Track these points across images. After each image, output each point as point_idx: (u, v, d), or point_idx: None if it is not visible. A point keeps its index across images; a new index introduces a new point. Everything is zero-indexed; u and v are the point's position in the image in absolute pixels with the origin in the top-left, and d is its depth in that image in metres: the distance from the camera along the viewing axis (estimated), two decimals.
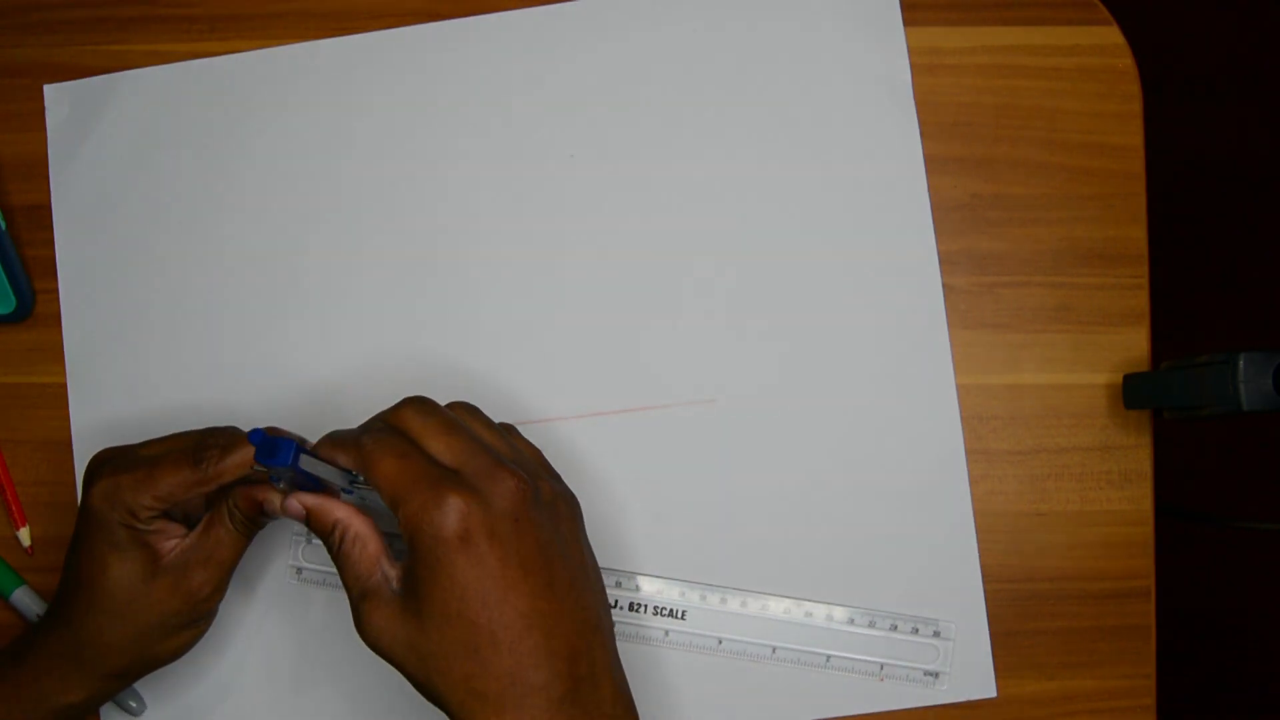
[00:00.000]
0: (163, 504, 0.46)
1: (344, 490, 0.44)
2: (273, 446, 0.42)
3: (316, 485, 0.45)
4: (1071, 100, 0.56)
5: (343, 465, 0.44)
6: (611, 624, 0.46)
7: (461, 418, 0.45)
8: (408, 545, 0.42)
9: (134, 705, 0.54)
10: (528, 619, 0.41)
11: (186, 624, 0.48)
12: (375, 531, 0.44)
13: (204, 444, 0.46)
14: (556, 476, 0.48)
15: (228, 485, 0.46)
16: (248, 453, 0.46)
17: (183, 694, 0.54)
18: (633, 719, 0.44)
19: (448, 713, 0.41)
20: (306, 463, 0.43)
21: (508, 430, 0.48)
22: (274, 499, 0.46)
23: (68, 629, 0.47)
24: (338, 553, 0.44)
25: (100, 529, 0.46)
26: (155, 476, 0.45)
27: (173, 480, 0.45)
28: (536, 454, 0.48)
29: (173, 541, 0.47)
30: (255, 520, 0.47)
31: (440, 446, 0.43)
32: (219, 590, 0.48)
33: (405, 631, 0.41)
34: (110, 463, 0.47)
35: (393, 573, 0.43)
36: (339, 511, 0.44)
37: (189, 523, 0.48)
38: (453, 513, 0.40)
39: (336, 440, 0.44)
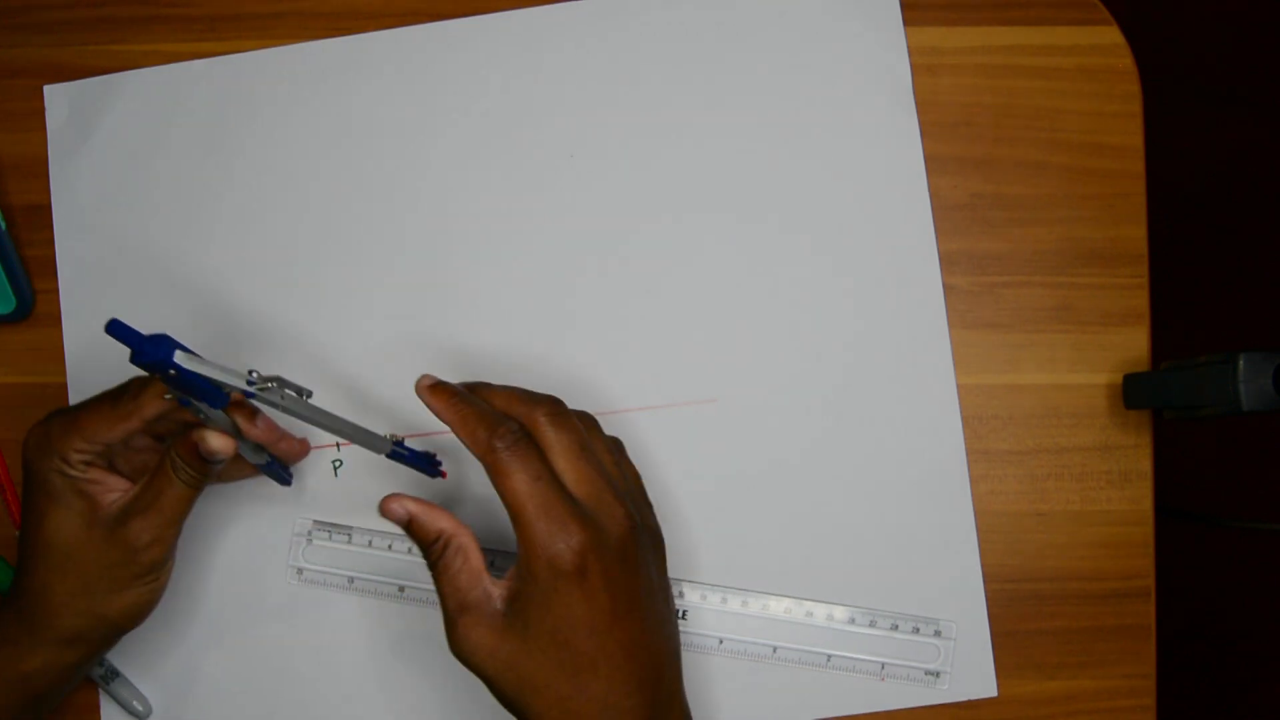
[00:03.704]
0: (90, 445, 0.46)
1: (244, 393, 0.43)
2: (139, 343, 0.40)
3: (209, 388, 0.42)
4: (1071, 100, 0.56)
5: (466, 446, 0.43)
6: (680, 649, 0.48)
7: (587, 435, 0.46)
8: (523, 566, 0.42)
9: (139, 708, 0.54)
10: (626, 649, 0.43)
11: (130, 579, 0.47)
12: (478, 545, 0.44)
13: (127, 382, 0.46)
14: (650, 505, 0.49)
15: (151, 419, 0.46)
16: (162, 385, 0.45)
17: (180, 696, 0.54)
18: None
19: None
20: (187, 361, 0.41)
21: (618, 449, 0.49)
22: (210, 439, 0.45)
23: (16, 590, 0.47)
24: (437, 562, 0.44)
25: (36, 480, 0.46)
26: (79, 418, 0.46)
27: (95, 418, 0.45)
28: (638, 479, 0.50)
29: (115, 494, 0.47)
30: (197, 468, 0.46)
31: (569, 468, 0.44)
32: (159, 541, 0.47)
33: (506, 649, 0.42)
34: (47, 415, 0.47)
35: (495, 590, 0.43)
36: (444, 521, 0.44)
37: (139, 479, 0.48)
38: (575, 548, 0.42)
39: (461, 411, 0.43)
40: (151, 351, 0.40)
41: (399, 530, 0.54)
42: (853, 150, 0.55)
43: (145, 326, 0.55)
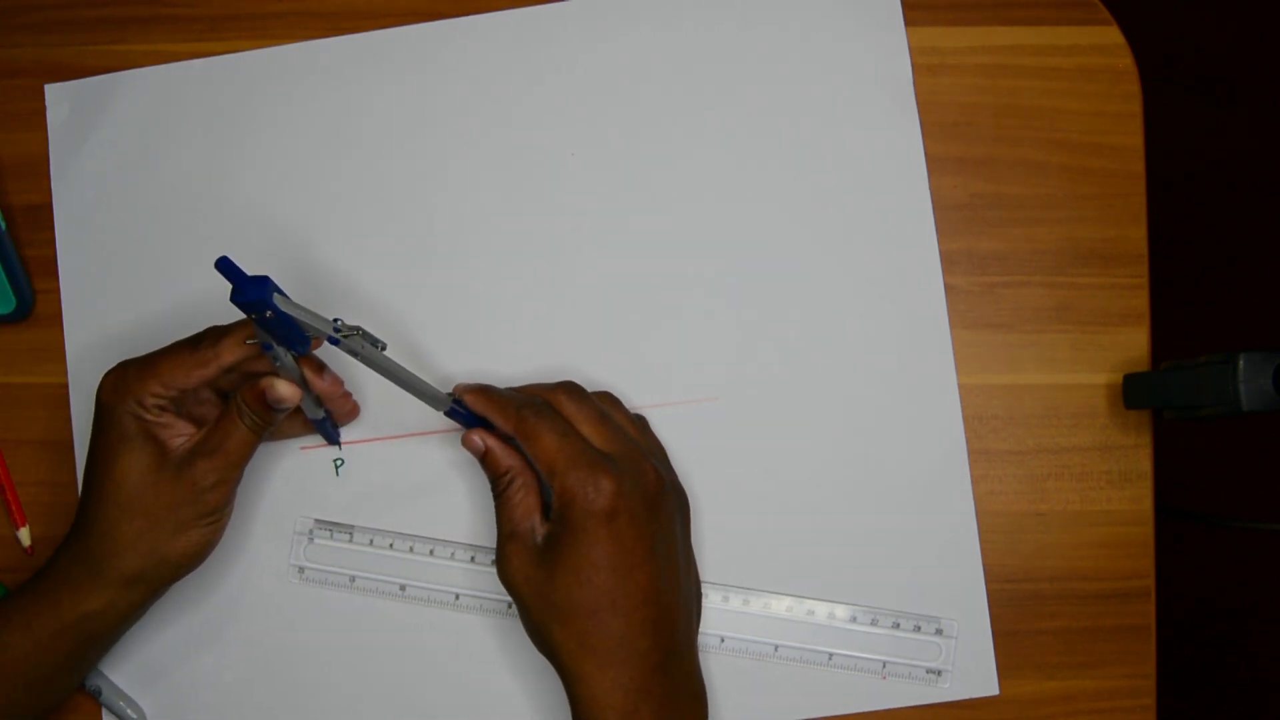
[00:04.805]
0: (167, 390, 0.47)
1: (329, 339, 0.45)
2: (243, 282, 0.42)
3: (295, 332, 0.45)
4: (1071, 100, 0.56)
5: (497, 424, 0.48)
6: (700, 611, 0.52)
7: (606, 407, 0.50)
8: (558, 511, 0.47)
9: (133, 715, 0.54)
10: (645, 593, 0.46)
11: (194, 519, 0.48)
12: (539, 489, 0.49)
13: (205, 331, 0.48)
14: (674, 473, 0.52)
15: (227, 367, 0.47)
16: (244, 331, 0.47)
17: (182, 696, 0.54)
18: (703, 692, 0.49)
19: (555, 658, 0.47)
20: (283, 303, 0.43)
21: (641, 422, 0.53)
22: (279, 386, 0.47)
23: (82, 530, 0.48)
24: (502, 494, 0.49)
25: (109, 422, 0.47)
26: (158, 363, 0.47)
27: (174, 364, 0.47)
28: (662, 449, 0.53)
29: (182, 438, 0.48)
30: (262, 415, 0.48)
31: (593, 432, 0.48)
32: (224, 483, 0.48)
33: (538, 578, 0.47)
34: (121, 361, 0.48)
35: (541, 528, 0.48)
36: (514, 460, 0.49)
37: (202, 428, 0.49)
38: (605, 492, 0.46)
39: (491, 398, 0.49)
40: (253, 291, 0.42)
41: (400, 529, 0.54)
42: (854, 150, 0.55)
43: (143, 325, 0.56)
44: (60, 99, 0.57)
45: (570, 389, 0.50)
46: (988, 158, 0.56)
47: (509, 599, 0.53)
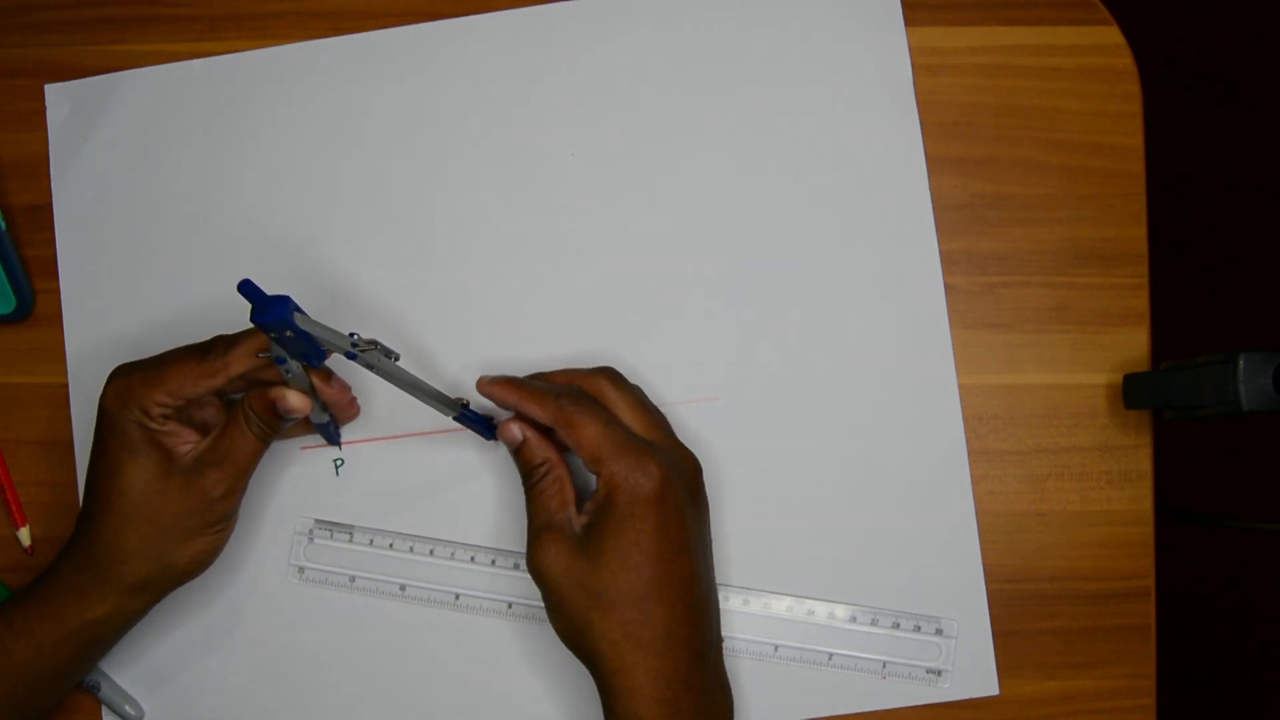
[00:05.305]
0: (174, 399, 0.47)
1: (346, 354, 0.45)
2: (264, 302, 0.42)
3: (312, 347, 0.45)
4: (1071, 100, 0.56)
5: (534, 415, 0.48)
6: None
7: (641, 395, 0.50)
8: (604, 498, 0.46)
9: (132, 713, 0.54)
10: (689, 582, 0.46)
11: (201, 527, 0.48)
12: (573, 482, 0.48)
13: (213, 340, 0.48)
14: None
15: (236, 377, 0.47)
16: (254, 342, 0.47)
17: (182, 696, 0.54)
18: (729, 684, 0.49)
19: (594, 649, 0.45)
20: (303, 322, 0.43)
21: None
22: (290, 397, 0.47)
23: (86, 538, 0.47)
24: (535, 485, 0.48)
25: (114, 431, 0.47)
26: (164, 371, 0.47)
27: (181, 373, 0.47)
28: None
29: (188, 445, 0.48)
30: (270, 423, 0.48)
31: (635, 420, 0.48)
32: (232, 492, 0.48)
33: (578, 568, 0.46)
34: (125, 366, 0.48)
35: (578, 519, 0.47)
36: (550, 452, 0.48)
37: (206, 433, 0.49)
38: (654, 477, 0.45)
39: (526, 390, 0.48)
40: (274, 312, 0.42)
41: (400, 529, 0.54)
42: (854, 150, 0.55)
43: (144, 325, 0.56)
44: (60, 99, 0.57)
45: (611, 375, 0.50)
46: (988, 158, 0.56)
47: (509, 599, 0.53)
